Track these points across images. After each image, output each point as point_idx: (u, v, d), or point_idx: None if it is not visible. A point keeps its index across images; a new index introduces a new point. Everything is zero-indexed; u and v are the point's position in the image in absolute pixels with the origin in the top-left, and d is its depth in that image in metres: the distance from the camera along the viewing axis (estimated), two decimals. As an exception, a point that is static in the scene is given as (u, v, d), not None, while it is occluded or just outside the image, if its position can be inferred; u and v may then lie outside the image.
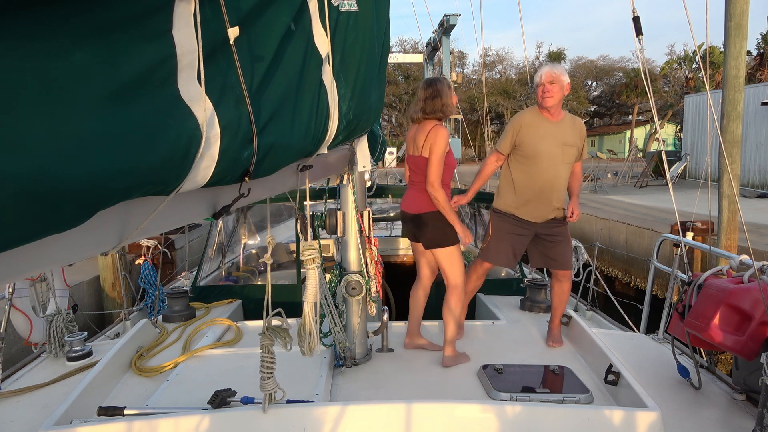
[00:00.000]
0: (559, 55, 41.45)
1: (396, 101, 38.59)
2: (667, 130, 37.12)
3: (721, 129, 6.44)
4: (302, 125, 1.54)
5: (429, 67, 9.81)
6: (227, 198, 1.35)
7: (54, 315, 3.32)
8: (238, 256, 6.24)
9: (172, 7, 0.95)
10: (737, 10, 6.10)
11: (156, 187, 0.94)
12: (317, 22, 1.65)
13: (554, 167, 3.42)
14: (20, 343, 3.54)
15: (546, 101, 3.39)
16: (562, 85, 3.39)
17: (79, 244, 0.91)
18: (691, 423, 2.51)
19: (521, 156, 3.44)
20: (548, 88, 3.37)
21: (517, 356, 3.27)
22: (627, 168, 21.76)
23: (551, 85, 3.37)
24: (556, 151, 3.42)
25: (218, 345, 3.36)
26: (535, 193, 3.44)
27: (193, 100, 1.00)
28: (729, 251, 5.56)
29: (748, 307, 2.43)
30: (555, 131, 3.44)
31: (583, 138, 3.55)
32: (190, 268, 6.14)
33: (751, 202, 14.21)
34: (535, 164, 3.42)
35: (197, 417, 2.21)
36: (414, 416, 2.26)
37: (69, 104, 0.73)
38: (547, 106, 3.41)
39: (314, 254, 2.11)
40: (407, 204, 3.34)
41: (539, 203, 3.46)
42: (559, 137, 3.43)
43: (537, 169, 3.42)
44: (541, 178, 3.43)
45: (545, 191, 3.44)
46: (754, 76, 25.20)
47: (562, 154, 3.44)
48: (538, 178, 3.43)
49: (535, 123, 3.45)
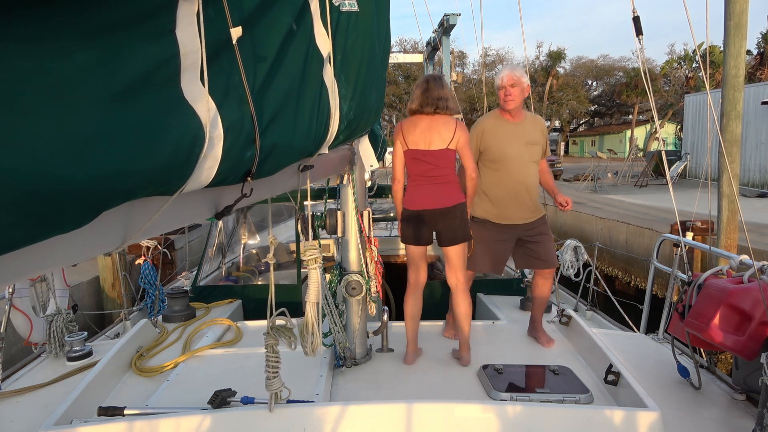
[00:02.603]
0: (559, 54, 41.48)
1: (396, 101, 38.57)
2: (667, 130, 37.15)
3: (720, 128, 6.44)
4: (304, 125, 1.54)
5: (429, 67, 9.80)
6: (229, 198, 1.35)
7: (54, 315, 3.32)
8: (238, 256, 6.24)
9: (175, 7, 0.95)
10: (737, 9, 6.10)
11: (160, 187, 0.94)
12: (318, 23, 1.65)
13: (523, 167, 3.46)
14: (20, 343, 3.54)
15: (508, 104, 3.45)
16: (522, 88, 3.44)
17: (83, 245, 0.91)
18: (691, 423, 2.52)
19: (489, 161, 3.46)
20: (510, 90, 3.42)
21: (517, 356, 3.27)
22: (627, 167, 21.76)
23: (513, 88, 3.42)
24: (522, 152, 3.47)
25: (218, 345, 3.36)
26: (508, 196, 3.45)
27: (196, 100, 1.00)
28: (729, 251, 5.57)
29: (748, 307, 2.43)
30: (518, 132, 3.49)
31: (545, 135, 3.61)
32: (190, 268, 6.15)
33: (751, 202, 14.21)
34: (504, 167, 3.45)
35: (197, 417, 2.21)
36: (414, 416, 2.26)
37: (73, 105, 0.73)
38: (509, 108, 3.47)
39: (316, 254, 2.11)
40: (426, 200, 3.14)
41: (514, 205, 3.46)
42: (522, 137, 3.48)
43: (506, 171, 3.45)
44: (512, 179, 3.45)
45: (519, 192, 3.46)
46: (753, 76, 25.23)
47: (529, 153, 3.49)
48: (508, 180, 3.45)
49: (497, 126, 3.49)
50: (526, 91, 3.48)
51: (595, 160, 22.71)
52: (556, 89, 41.87)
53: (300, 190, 1.91)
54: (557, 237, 4.43)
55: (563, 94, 42.47)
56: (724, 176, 6.32)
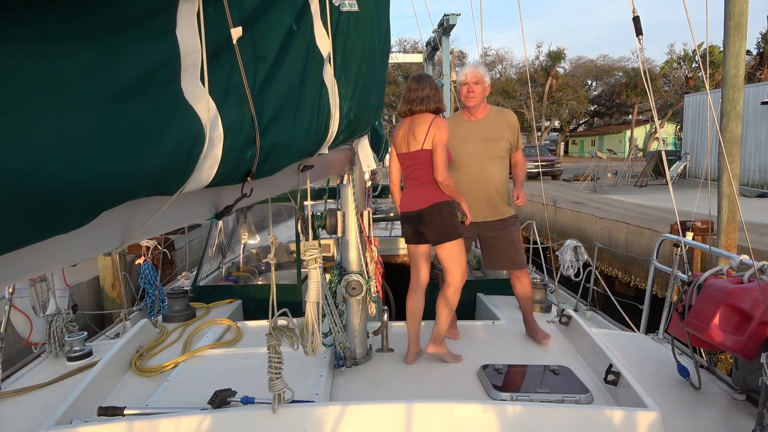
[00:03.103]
0: (559, 54, 41.48)
1: (396, 101, 38.54)
2: (667, 130, 37.15)
3: (720, 128, 6.44)
4: (304, 125, 1.54)
5: (429, 66, 9.80)
6: (229, 198, 1.35)
7: (54, 315, 3.32)
8: (238, 256, 6.24)
9: (175, 7, 0.95)
10: (737, 9, 6.11)
11: (160, 187, 0.94)
12: (318, 23, 1.65)
13: (479, 165, 3.50)
14: (20, 343, 3.54)
15: (469, 101, 3.49)
16: (484, 86, 3.50)
17: (83, 245, 0.91)
18: (691, 423, 2.52)
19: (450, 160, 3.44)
20: (472, 87, 3.46)
21: (517, 356, 3.27)
22: (627, 167, 21.76)
23: (476, 86, 3.46)
24: (479, 150, 3.50)
25: (218, 345, 3.36)
26: (466, 193, 3.42)
27: (196, 100, 1.00)
28: (729, 251, 5.56)
29: (748, 307, 2.43)
30: (476, 129, 3.53)
31: (513, 128, 3.60)
32: (190, 268, 6.15)
33: (751, 202, 14.22)
34: (461, 166, 3.49)
35: (197, 417, 2.21)
36: (414, 416, 2.26)
37: (73, 105, 0.73)
38: (470, 105, 3.51)
39: (316, 254, 2.11)
40: (409, 203, 3.23)
41: (471, 202, 3.43)
42: (481, 134, 3.51)
43: (464, 170, 3.49)
44: (469, 178, 3.48)
45: (475, 190, 3.48)
46: (753, 76, 25.21)
47: (486, 150, 3.51)
48: (465, 178, 3.48)
49: (456, 126, 3.52)
50: (487, 90, 3.55)
51: (595, 160, 22.71)
52: (555, 89, 41.89)
53: (300, 190, 1.92)
54: (557, 237, 4.43)
55: (563, 94, 42.48)
56: (724, 176, 6.32)
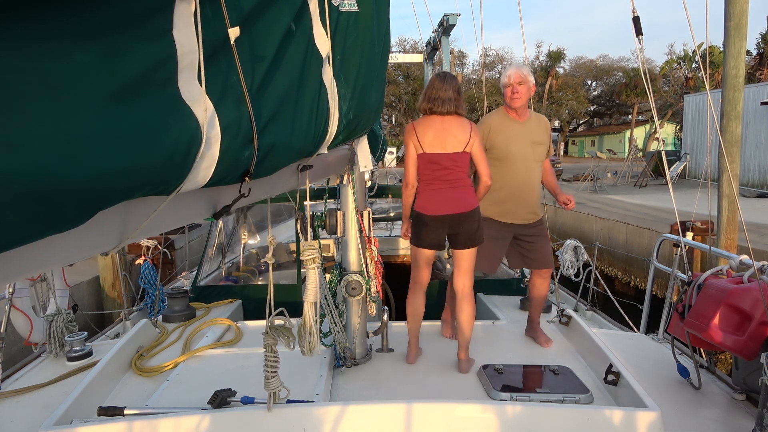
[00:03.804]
0: (559, 54, 41.48)
1: (396, 101, 38.57)
2: (667, 130, 37.14)
3: (720, 129, 6.44)
4: (302, 125, 1.54)
5: (429, 67, 9.79)
6: (228, 198, 1.34)
7: (54, 315, 3.32)
8: (238, 256, 6.24)
9: (172, 7, 0.95)
10: (737, 9, 6.11)
11: (157, 187, 0.94)
12: (317, 22, 1.65)
13: (527, 167, 3.46)
14: (20, 343, 3.54)
15: (515, 102, 3.44)
16: (529, 86, 3.44)
17: (80, 244, 0.91)
18: (691, 423, 2.51)
19: (494, 159, 3.43)
20: (517, 89, 3.41)
21: (517, 356, 3.27)
22: (627, 168, 21.75)
23: (520, 86, 3.41)
24: (527, 151, 3.46)
25: (218, 345, 3.36)
26: (511, 195, 3.44)
27: (193, 100, 1.00)
28: (729, 251, 5.56)
29: (748, 307, 2.43)
30: (523, 131, 3.48)
31: (549, 135, 3.61)
32: (190, 268, 6.15)
33: (751, 202, 14.21)
34: (508, 165, 3.44)
35: (197, 417, 2.21)
36: (414, 416, 2.26)
37: (70, 104, 0.73)
38: (515, 106, 3.46)
39: (314, 254, 2.11)
40: (444, 206, 3.04)
41: (516, 204, 3.46)
42: (528, 137, 3.48)
43: (511, 170, 3.44)
44: (516, 179, 3.45)
45: (521, 192, 3.46)
46: (753, 76, 25.22)
47: (533, 153, 3.48)
48: (512, 179, 3.44)
49: (503, 125, 3.49)
50: (532, 89, 3.49)
51: (595, 160, 22.68)
52: (555, 89, 41.87)
53: (299, 190, 1.91)
54: (557, 237, 4.44)
55: (563, 94, 42.47)
56: (724, 176, 6.32)
